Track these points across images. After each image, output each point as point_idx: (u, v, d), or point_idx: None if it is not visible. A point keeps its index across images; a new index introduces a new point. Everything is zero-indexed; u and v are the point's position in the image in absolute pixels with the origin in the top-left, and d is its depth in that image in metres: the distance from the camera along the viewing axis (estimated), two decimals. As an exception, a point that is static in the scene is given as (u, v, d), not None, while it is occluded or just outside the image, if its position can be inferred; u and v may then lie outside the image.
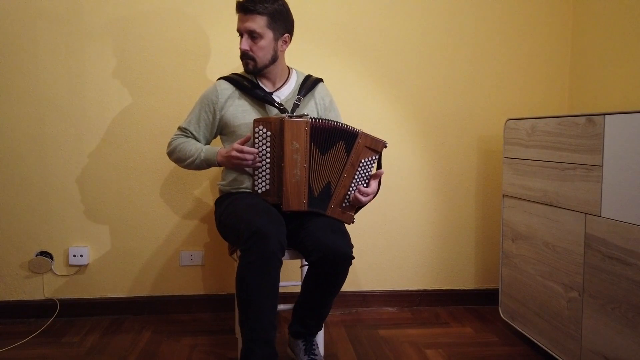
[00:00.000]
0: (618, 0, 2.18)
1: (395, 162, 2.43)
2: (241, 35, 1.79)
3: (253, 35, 1.76)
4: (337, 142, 1.72)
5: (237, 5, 1.77)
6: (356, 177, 1.73)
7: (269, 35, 1.77)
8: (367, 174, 1.75)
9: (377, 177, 1.77)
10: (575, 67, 2.47)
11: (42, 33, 2.20)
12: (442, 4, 2.40)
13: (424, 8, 2.39)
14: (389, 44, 2.39)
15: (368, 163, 1.74)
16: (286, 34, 1.83)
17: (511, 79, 2.48)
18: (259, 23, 1.74)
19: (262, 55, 1.79)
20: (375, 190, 1.78)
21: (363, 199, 1.74)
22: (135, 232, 2.33)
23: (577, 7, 2.45)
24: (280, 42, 1.82)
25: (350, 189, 1.74)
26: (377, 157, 1.75)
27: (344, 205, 1.75)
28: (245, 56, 1.80)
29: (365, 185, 1.76)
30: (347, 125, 1.72)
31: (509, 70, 2.47)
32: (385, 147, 1.74)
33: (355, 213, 1.79)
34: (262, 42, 1.77)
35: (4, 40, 2.19)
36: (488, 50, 2.45)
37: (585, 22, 2.39)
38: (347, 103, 2.38)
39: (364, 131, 1.73)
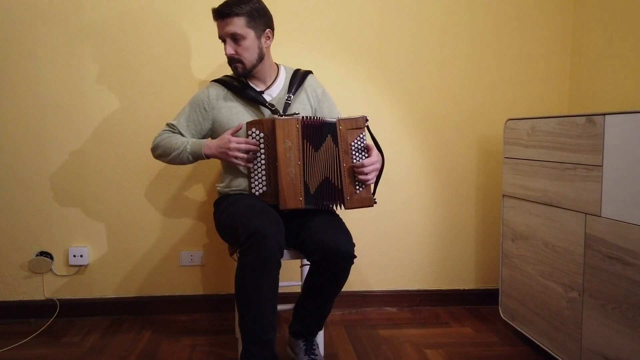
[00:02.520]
0: (618, 0, 2.18)
1: (395, 161, 2.43)
2: (224, 41, 1.79)
3: (235, 38, 1.76)
4: (327, 137, 1.72)
5: (213, 13, 1.78)
6: (354, 160, 1.72)
7: (250, 34, 1.77)
8: (362, 152, 1.73)
9: (372, 149, 1.74)
10: (575, 67, 2.47)
11: (42, 33, 2.20)
12: (442, 3, 2.40)
13: (423, 7, 2.39)
14: (389, 44, 2.39)
15: (358, 142, 1.73)
16: (267, 30, 1.82)
17: (511, 79, 2.48)
18: (238, 25, 1.74)
19: (249, 55, 1.78)
20: (377, 158, 1.73)
21: (367, 173, 1.69)
22: (135, 232, 2.33)
23: (577, 7, 2.45)
24: (263, 39, 1.82)
25: (355, 173, 1.73)
26: (363, 132, 1.74)
27: (357, 191, 1.74)
28: (232, 60, 1.79)
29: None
30: (328, 119, 1.72)
31: (509, 71, 2.47)
32: (367, 120, 1.73)
33: (374, 193, 1.77)
34: (246, 43, 1.76)
35: (4, 40, 2.19)
36: (488, 50, 2.45)
37: (585, 22, 2.39)
38: (347, 103, 2.38)
39: (340, 117, 1.73)
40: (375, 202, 1.76)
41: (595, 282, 1.63)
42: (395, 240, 2.48)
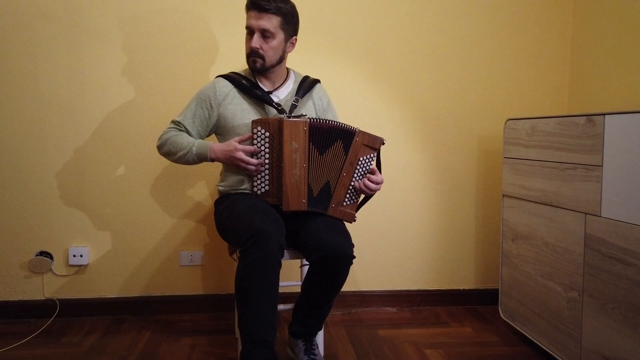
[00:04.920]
0: (618, 0, 2.18)
1: (395, 162, 2.43)
2: (251, 33, 1.77)
3: (265, 35, 1.75)
4: (336, 142, 1.71)
5: (249, 2, 1.75)
6: (355, 175, 1.73)
7: (280, 35, 1.77)
8: (366, 171, 1.75)
9: (375, 171, 1.76)
10: (575, 67, 2.47)
11: (42, 33, 2.20)
12: (442, 3, 2.40)
13: (424, 8, 2.39)
14: (389, 44, 2.39)
15: (367, 161, 1.73)
16: (294, 37, 1.84)
17: (511, 79, 2.48)
18: (273, 23, 1.74)
19: (272, 54, 1.78)
20: (382, 180, 1.77)
21: (372, 185, 1.72)
22: (135, 232, 2.33)
23: (577, 7, 2.45)
24: (288, 44, 1.83)
25: (350, 187, 1.74)
26: (375, 154, 1.74)
27: (344, 204, 1.75)
28: (254, 54, 1.77)
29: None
30: (344, 124, 1.71)
31: (509, 70, 2.47)
32: (383, 144, 1.74)
33: (356, 211, 1.79)
34: (274, 42, 1.76)
35: (4, 40, 2.19)
36: (488, 50, 2.45)
37: (585, 22, 2.39)
38: (347, 103, 2.38)
39: (361, 129, 1.72)
40: (355, 220, 1.77)
41: (595, 282, 1.63)
42: (395, 240, 2.48)
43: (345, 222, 1.77)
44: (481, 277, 2.55)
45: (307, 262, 1.68)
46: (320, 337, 1.89)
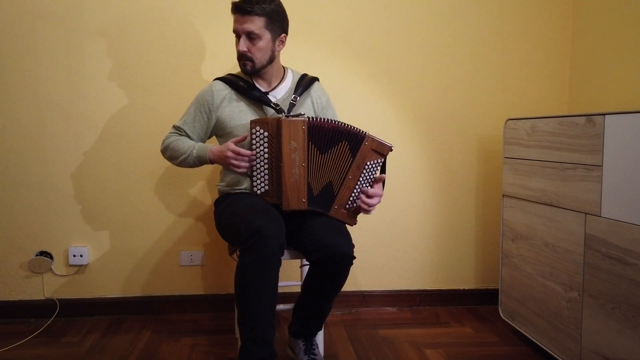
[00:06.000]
0: (618, 1, 2.18)
1: (395, 162, 2.43)
2: (238, 36, 1.78)
3: (251, 37, 1.75)
4: (339, 143, 1.71)
5: (233, 6, 1.76)
6: (361, 179, 1.73)
7: (267, 36, 1.77)
8: (371, 176, 1.74)
9: (380, 181, 1.76)
10: (575, 67, 2.47)
11: (42, 33, 2.20)
12: (442, 4, 2.40)
13: (424, 8, 2.39)
14: (389, 44, 2.39)
15: (373, 166, 1.73)
16: (283, 34, 1.84)
17: (511, 79, 2.48)
18: (257, 24, 1.74)
19: (261, 56, 1.79)
20: (381, 193, 1.77)
21: (370, 202, 1.72)
22: (135, 232, 2.33)
23: (577, 7, 2.45)
24: (277, 43, 1.82)
25: (355, 190, 1.74)
26: (382, 160, 1.75)
27: (347, 206, 1.75)
28: (243, 57, 1.79)
29: (369, 187, 1.75)
30: (351, 127, 1.71)
31: (509, 70, 2.47)
32: (391, 150, 1.74)
33: (357, 215, 1.79)
34: (261, 43, 1.77)
35: (4, 40, 2.19)
36: (488, 50, 2.45)
37: (585, 22, 2.39)
38: (348, 103, 2.38)
39: (370, 134, 1.72)
40: (356, 223, 1.78)
41: (595, 282, 1.63)
42: (395, 240, 2.48)
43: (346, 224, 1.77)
44: (481, 277, 2.55)
45: (307, 262, 1.68)
46: (320, 337, 1.89)
